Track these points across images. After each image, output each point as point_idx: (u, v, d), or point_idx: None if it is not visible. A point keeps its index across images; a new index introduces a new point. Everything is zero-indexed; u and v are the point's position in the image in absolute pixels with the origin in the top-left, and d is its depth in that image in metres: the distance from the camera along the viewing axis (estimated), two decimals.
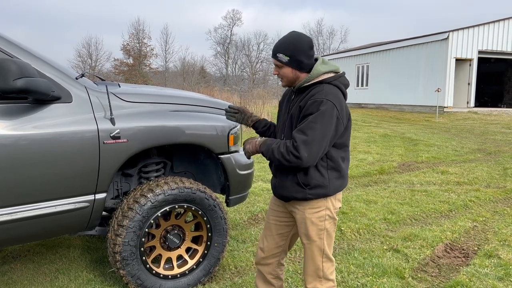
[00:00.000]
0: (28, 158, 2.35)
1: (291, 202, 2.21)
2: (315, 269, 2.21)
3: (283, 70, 2.14)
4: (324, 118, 1.98)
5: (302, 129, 1.99)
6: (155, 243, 2.92)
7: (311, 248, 2.19)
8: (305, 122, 2.00)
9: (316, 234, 2.16)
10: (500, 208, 5.03)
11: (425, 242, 3.85)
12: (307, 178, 2.09)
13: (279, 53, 2.11)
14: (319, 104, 1.99)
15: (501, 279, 3.16)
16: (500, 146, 9.90)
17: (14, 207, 2.35)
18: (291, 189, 2.13)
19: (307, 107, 2.02)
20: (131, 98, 2.81)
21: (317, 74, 2.10)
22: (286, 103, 2.29)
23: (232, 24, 54.59)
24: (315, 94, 2.04)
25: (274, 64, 2.18)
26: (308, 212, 2.15)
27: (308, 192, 2.10)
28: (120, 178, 3.01)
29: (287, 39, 2.14)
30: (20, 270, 3.23)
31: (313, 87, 2.10)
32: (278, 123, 2.33)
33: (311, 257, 2.21)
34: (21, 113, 2.36)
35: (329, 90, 2.06)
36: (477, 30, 19.07)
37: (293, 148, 1.98)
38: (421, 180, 6.43)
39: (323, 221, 2.16)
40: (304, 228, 2.18)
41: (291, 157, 1.98)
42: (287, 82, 2.17)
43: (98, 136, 2.54)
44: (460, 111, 18.47)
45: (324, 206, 2.15)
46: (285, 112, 2.26)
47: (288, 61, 2.10)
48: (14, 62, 2.15)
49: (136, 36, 47.74)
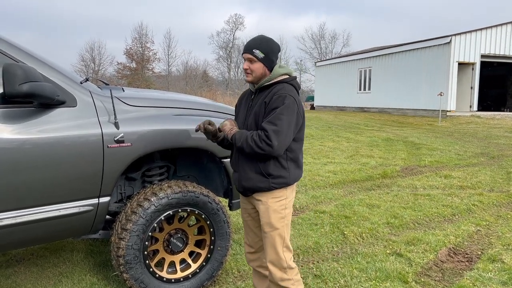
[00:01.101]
0: (32, 162, 2.37)
1: (255, 194, 2.35)
2: (277, 258, 2.33)
3: (256, 65, 2.30)
4: (288, 111, 2.19)
5: (271, 120, 2.17)
6: (159, 247, 2.93)
7: (273, 236, 2.32)
8: (273, 115, 2.18)
9: (278, 221, 2.32)
10: (504, 212, 5.02)
11: (429, 246, 3.84)
12: (270, 168, 2.26)
13: (256, 49, 2.28)
14: (283, 98, 2.20)
15: (505, 283, 3.15)
16: (503, 150, 9.87)
17: (18, 211, 2.36)
18: (255, 180, 2.29)
19: (273, 101, 2.21)
20: (135, 102, 2.82)
21: (277, 75, 2.32)
22: (245, 103, 2.46)
23: (235, 29, 54.82)
24: (279, 91, 2.24)
25: (245, 59, 2.32)
26: (270, 202, 2.31)
27: (272, 181, 2.28)
28: (123, 182, 3.03)
29: (263, 39, 2.34)
30: (23, 274, 3.24)
31: (274, 86, 2.30)
32: (238, 119, 2.48)
33: (272, 245, 2.33)
34: (26, 117, 2.38)
35: (289, 88, 2.28)
36: (480, 34, 19.06)
37: (265, 137, 2.16)
38: (424, 184, 6.42)
39: (284, 209, 2.34)
40: (267, 217, 2.32)
41: (264, 144, 2.15)
42: (253, 77, 2.32)
43: (102, 140, 2.56)
44: (463, 115, 18.43)
45: (285, 196, 2.34)
46: (244, 111, 2.42)
47: (263, 58, 2.29)
48: (19, 67, 2.17)
49: (139, 41, 48.02)
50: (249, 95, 2.47)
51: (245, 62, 2.34)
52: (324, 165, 7.83)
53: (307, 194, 5.72)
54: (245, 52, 2.33)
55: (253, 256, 2.57)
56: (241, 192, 2.43)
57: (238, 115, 2.50)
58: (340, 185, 6.38)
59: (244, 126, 2.37)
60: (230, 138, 2.32)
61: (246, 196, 2.43)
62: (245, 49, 2.34)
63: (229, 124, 2.38)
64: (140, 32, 48.17)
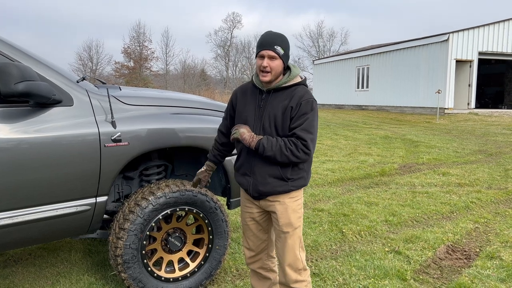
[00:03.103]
0: (29, 162, 2.35)
1: (269, 197, 2.27)
2: (294, 260, 2.28)
3: (276, 62, 2.16)
4: (315, 117, 2.18)
5: (306, 128, 2.13)
6: (157, 246, 2.92)
7: (293, 237, 2.27)
8: (306, 122, 2.13)
9: (296, 220, 2.28)
10: (502, 209, 5.02)
11: (427, 244, 3.85)
12: (290, 172, 2.21)
13: (277, 46, 2.14)
14: (311, 104, 2.16)
15: (503, 280, 3.15)
16: (501, 147, 9.89)
17: (15, 211, 2.35)
18: (274, 184, 2.22)
19: (303, 107, 2.14)
20: (132, 101, 2.81)
21: (295, 75, 2.23)
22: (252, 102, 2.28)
23: (233, 27, 54.74)
24: (305, 95, 2.18)
25: (265, 56, 2.14)
26: (288, 201, 2.26)
27: (291, 185, 2.23)
28: (121, 181, 3.02)
29: (278, 35, 2.20)
30: (21, 274, 3.23)
31: (294, 88, 2.21)
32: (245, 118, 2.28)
33: (292, 247, 2.27)
34: (22, 117, 2.37)
35: (309, 91, 2.24)
36: (477, 32, 19.07)
37: (302, 146, 2.11)
38: (422, 181, 6.43)
39: (301, 208, 2.32)
40: (286, 217, 2.25)
41: (301, 153, 2.12)
42: (273, 76, 2.17)
43: (99, 139, 2.54)
44: (461, 113, 18.46)
45: (300, 196, 2.33)
46: (253, 111, 2.25)
47: (283, 55, 2.16)
48: (15, 66, 2.16)
49: (137, 39, 47.86)
50: (255, 93, 2.29)
51: (264, 60, 2.14)
52: (322, 163, 7.83)
53: (306, 192, 5.72)
54: (266, 48, 2.14)
55: (254, 259, 2.48)
56: (255, 196, 2.30)
57: (242, 114, 2.30)
58: (338, 183, 6.38)
59: (257, 128, 2.22)
60: (254, 147, 2.16)
61: (257, 199, 2.32)
62: (265, 45, 2.14)
63: (247, 132, 2.20)
64: (137, 31, 48.04)
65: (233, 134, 2.25)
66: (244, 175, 2.32)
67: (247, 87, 2.38)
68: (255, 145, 2.16)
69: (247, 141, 2.18)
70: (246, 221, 2.44)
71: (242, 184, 2.35)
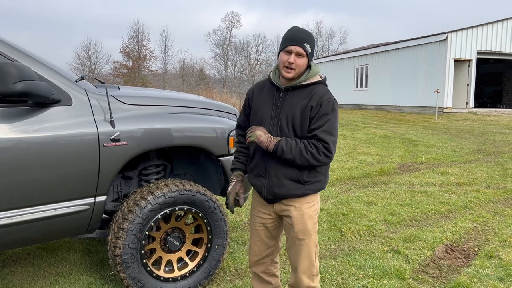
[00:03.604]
0: (27, 161, 2.35)
1: (284, 200, 2.18)
2: (310, 266, 2.22)
3: (303, 60, 2.09)
4: (337, 118, 2.11)
5: (328, 129, 2.05)
6: (156, 246, 2.92)
7: (309, 244, 2.19)
8: (328, 123, 2.05)
9: (312, 228, 2.20)
10: (500, 208, 5.03)
11: (426, 243, 3.85)
12: (307, 174, 2.13)
13: (306, 43, 2.07)
14: (332, 104, 2.08)
15: (502, 279, 3.16)
16: (499, 146, 9.90)
17: (14, 211, 2.35)
18: (290, 187, 2.13)
19: (323, 107, 2.06)
20: (130, 100, 2.81)
21: (315, 74, 2.15)
22: (269, 100, 2.20)
23: (231, 26, 54.68)
24: (326, 95, 2.10)
25: (293, 52, 2.07)
26: (305, 207, 2.17)
27: (308, 188, 2.14)
28: (120, 180, 3.01)
29: (307, 32, 2.12)
30: (20, 274, 3.23)
31: (314, 87, 2.13)
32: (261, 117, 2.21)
33: (308, 254, 2.20)
34: (21, 116, 2.36)
35: (329, 90, 2.15)
36: (476, 31, 19.09)
37: (324, 149, 2.04)
38: (421, 181, 6.43)
39: (316, 214, 2.24)
40: (302, 223, 2.17)
41: (323, 156, 2.04)
42: (296, 73, 2.10)
43: (98, 139, 2.54)
44: (460, 112, 18.48)
45: (317, 200, 2.24)
46: (270, 109, 2.18)
47: (310, 53, 2.11)
48: (13, 66, 2.15)
49: (136, 39, 47.80)
50: (273, 91, 2.21)
51: (291, 56, 2.06)
52: None
53: None
54: (295, 44, 2.06)
55: (258, 263, 2.40)
56: (269, 199, 2.22)
57: (258, 113, 2.22)
58: (337, 182, 6.38)
59: (273, 128, 2.14)
60: (272, 149, 2.08)
61: (272, 203, 2.23)
62: (294, 40, 2.06)
63: (264, 134, 2.11)
64: (136, 30, 47.95)
65: (249, 137, 2.16)
66: (258, 176, 2.22)
67: (264, 84, 2.29)
68: (273, 147, 2.07)
69: (265, 144, 2.10)
70: (255, 226, 2.34)
71: (255, 186, 2.26)
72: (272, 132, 2.15)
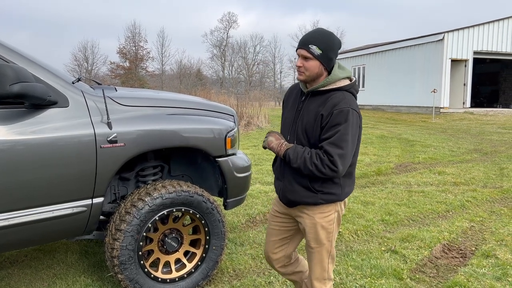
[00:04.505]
0: (25, 163, 2.34)
1: (298, 206, 2.16)
2: (322, 272, 2.20)
3: (311, 63, 2.02)
4: (352, 129, 1.96)
5: (335, 142, 1.94)
6: (153, 247, 2.92)
7: (321, 252, 2.17)
8: (336, 134, 1.94)
9: (325, 237, 2.15)
10: (497, 208, 5.05)
11: (423, 243, 3.86)
12: (320, 184, 2.05)
13: (313, 45, 2.00)
14: (346, 114, 1.95)
15: (499, 279, 3.17)
16: (496, 146, 9.94)
17: (11, 213, 2.34)
18: (302, 194, 2.08)
19: (334, 117, 1.95)
20: (128, 102, 2.80)
21: (336, 79, 2.05)
22: (293, 103, 2.20)
23: (228, 27, 54.68)
24: (340, 103, 1.97)
25: (300, 55, 2.05)
26: (318, 217, 2.11)
27: (320, 197, 2.07)
28: (117, 182, 3.01)
29: (321, 33, 2.05)
30: (17, 276, 3.22)
31: (332, 93, 2.03)
32: (284, 120, 2.23)
33: (319, 261, 2.19)
34: (17, 118, 2.36)
35: (350, 99, 2.02)
36: (472, 31, 19.16)
37: (329, 162, 1.93)
38: (418, 181, 6.45)
39: (332, 224, 2.15)
40: (314, 233, 2.14)
41: (327, 170, 1.94)
42: (307, 77, 2.05)
43: (95, 140, 2.54)
44: (456, 112, 18.55)
45: (334, 210, 2.14)
46: (292, 113, 2.17)
47: (320, 54, 2.00)
48: (10, 67, 2.15)
49: (132, 40, 47.77)
50: (299, 94, 2.19)
51: (298, 59, 2.05)
52: None
53: None
54: (299, 47, 2.03)
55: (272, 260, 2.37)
56: (284, 203, 2.21)
57: (283, 115, 2.25)
58: None
59: (292, 132, 2.14)
60: (282, 156, 2.06)
61: (289, 206, 2.21)
62: (300, 44, 2.04)
63: (275, 140, 2.10)
64: (133, 31, 47.92)
65: (263, 141, 2.17)
66: (277, 179, 2.23)
67: (296, 87, 2.26)
68: (283, 154, 2.06)
69: (275, 150, 2.10)
70: (271, 224, 2.34)
71: (275, 188, 2.27)
72: (289, 136, 2.14)
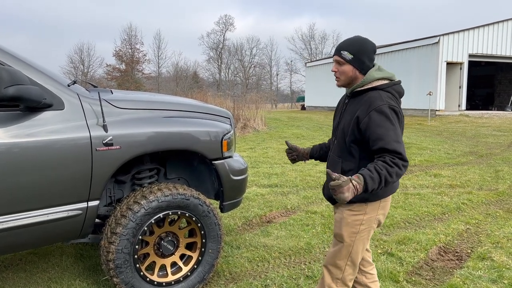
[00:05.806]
0: (19, 166, 2.33)
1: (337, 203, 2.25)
2: (337, 267, 2.21)
3: (344, 67, 2.15)
4: (393, 121, 2.01)
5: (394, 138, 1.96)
6: (149, 250, 2.90)
7: (339, 248, 2.20)
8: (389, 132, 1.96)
9: (348, 235, 2.17)
10: (493, 210, 5.07)
11: (419, 245, 3.87)
12: None
13: (344, 51, 2.14)
14: (384, 111, 2.00)
15: (495, 281, 3.18)
16: (491, 148, 9.99)
17: (6, 216, 2.32)
18: None
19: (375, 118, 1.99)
20: (123, 104, 2.80)
21: (371, 79, 2.12)
22: (341, 106, 2.35)
23: (225, 29, 54.75)
24: (374, 102, 2.03)
25: (335, 61, 2.19)
26: (346, 213, 2.17)
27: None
28: (113, 185, 3.00)
29: (352, 40, 2.18)
30: (12, 279, 3.19)
31: (368, 93, 2.10)
32: (334, 122, 2.38)
33: (336, 252, 2.21)
34: (12, 121, 2.34)
35: (386, 96, 2.07)
36: (468, 34, 19.28)
37: (401, 160, 1.94)
38: (414, 183, 6.47)
39: (359, 225, 2.16)
40: (338, 227, 2.20)
41: (404, 169, 1.96)
42: (344, 81, 2.18)
43: (91, 143, 2.53)
44: (452, 114, 18.62)
45: (364, 211, 2.15)
46: (338, 116, 2.31)
47: (352, 59, 2.13)
48: (5, 70, 2.14)
49: (129, 42, 47.75)
50: (344, 97, 2.35)
51: (334, 65, 2.20)
52: (315, 165, 7.84)
53: (299, 195, 5.72)
54: (334, 54, 2.20)
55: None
56: (326, 199, 2.33)
57: (334, 119, 2.38)
58: None
59: (336, 133, 2.27)
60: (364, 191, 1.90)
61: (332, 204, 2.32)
62: (334, 51, 2.21)
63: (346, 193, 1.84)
64: (129, 34, 47.91)
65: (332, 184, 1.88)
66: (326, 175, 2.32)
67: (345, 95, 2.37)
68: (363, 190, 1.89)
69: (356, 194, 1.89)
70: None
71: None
72: (335, 137, 2.28)
